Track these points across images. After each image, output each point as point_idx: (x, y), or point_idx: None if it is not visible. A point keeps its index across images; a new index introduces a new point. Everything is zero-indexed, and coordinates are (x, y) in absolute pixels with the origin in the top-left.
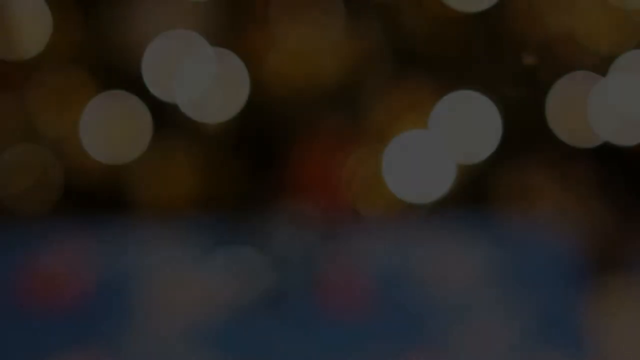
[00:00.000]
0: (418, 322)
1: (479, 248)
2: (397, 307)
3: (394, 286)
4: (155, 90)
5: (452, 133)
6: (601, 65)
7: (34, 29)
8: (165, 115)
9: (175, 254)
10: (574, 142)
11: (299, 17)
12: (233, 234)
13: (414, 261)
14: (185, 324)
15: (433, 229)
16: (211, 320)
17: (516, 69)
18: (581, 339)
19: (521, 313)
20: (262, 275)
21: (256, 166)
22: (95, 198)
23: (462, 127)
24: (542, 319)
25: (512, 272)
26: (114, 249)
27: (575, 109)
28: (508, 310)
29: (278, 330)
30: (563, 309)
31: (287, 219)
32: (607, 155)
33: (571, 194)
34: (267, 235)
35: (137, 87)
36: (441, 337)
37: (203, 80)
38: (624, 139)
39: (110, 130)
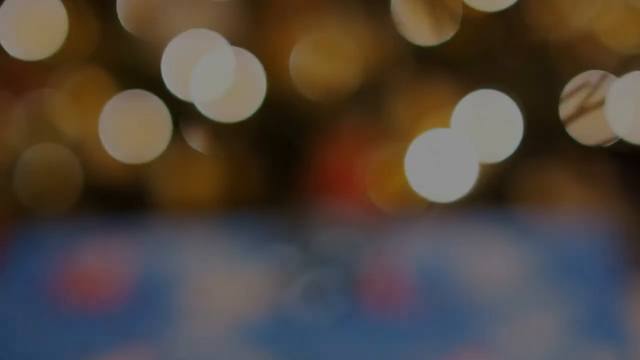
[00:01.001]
0: (461, 320)
1: (512, 246)
2: (438, 305)
3: (434, 284)
4: (174, 89)
5: (475, 132)
6: (622, 65)
7: (50, 27)
8: (185, 114)
9: (213, 252)
10: (589, 141)
11: (321, 16)
12: (269, 233)
13: (451, 259)
14: (227, 323)
15: (464, 227)
16: (252, 319)
17: (537, 68)
18: (627, 335)
19: (564, 310)
20: (303, 274)
21: (279, 165)
22: (116, 197)
23: (485, 126)
24: (586, 316)
25: (549, 269)
26: (149, 248)
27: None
28: (551, 307)
29: (319, 329)
30: (605, 305)
31: (324, 218)
32: (626, 153)
33: (594, 191)
34: (306, 234)
35: (156, 86)
36: (485, 335)
37: (222, 79)
38: None
39: (129, 130)
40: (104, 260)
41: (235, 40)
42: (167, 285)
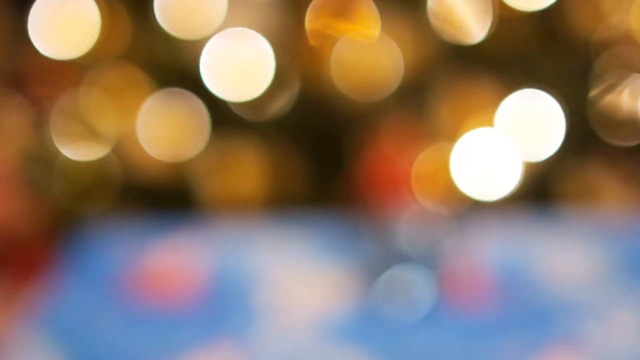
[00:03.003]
0: (547, 316)
1: (582, 243)
2: (522, 302)
3: (515, 281)
4: (213, 87)
5: (518, 131)
6: None
7: (82, 26)
8: (223, 112)
9: (288, 250)
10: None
11: (364, 16)
12: (348, 231)
13: (527, 256)
14: (311, 320)
15: (530, 225)
16: (337, 316)
17: (578, 67)
18: None
19: None
20: (387, 271)
21: (324, 164)
22: (157, 196)
23: (528, 125)
24: None
25: (623, 266)
26: (221, 246)
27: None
28: (634, 303)
29: (404, 326)
30: None
31: (402, 216)
32: None
33: (634, 189)
34: (387, 232)
35: (194, 84)
36: (573, 331)
37: (259, 77)
38: None
39: (168, 128)
40: (176, 259)
41: (276, 39)
42: (245, 283)
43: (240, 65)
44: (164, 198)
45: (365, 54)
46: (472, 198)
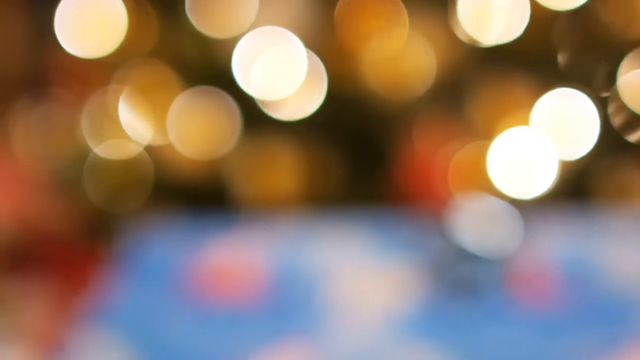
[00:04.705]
0: (614, 313)
1: (630, 240)
2: (591, 298)
3: (581, 277)
4: (245, 85)
5: (554, 129)
6: None
7: (109, 25)
8: (255, 110)
9: (351, 248)
10: None
11: (399, 14)
12: (412, 228)
13: (591, 252)
14: (379, 317)
15: (589, 221)
16: (405, 314)
17: (614, 66)
18: None
19: None
20: (454, 268)
21: (358, 162)
22: (189, 194)
23: (563, 123)
24: None
25: None
26: (280, 244)
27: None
28: None
29: (473, 322)
30: None
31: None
32: None
33: None
34: (451, 230)
35: (226, 82)
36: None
37: (292, 75)
38: None
39: (199, 126)
40: (237, 256)
41: (308, 37)
42: (309, 281)
43: (272, 64)
44: (198, 196)
45: (398, 52)
46: (509, 196)
